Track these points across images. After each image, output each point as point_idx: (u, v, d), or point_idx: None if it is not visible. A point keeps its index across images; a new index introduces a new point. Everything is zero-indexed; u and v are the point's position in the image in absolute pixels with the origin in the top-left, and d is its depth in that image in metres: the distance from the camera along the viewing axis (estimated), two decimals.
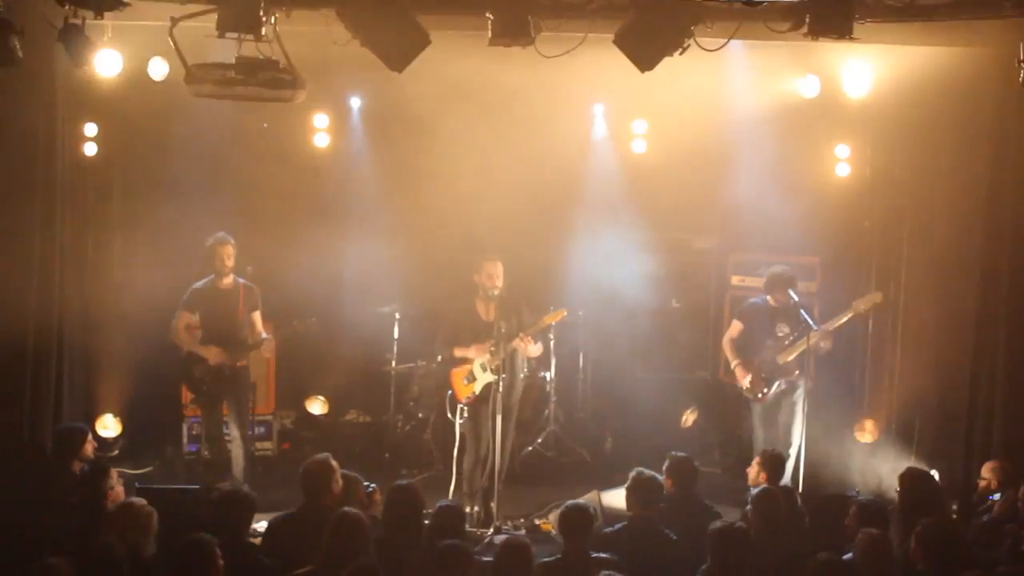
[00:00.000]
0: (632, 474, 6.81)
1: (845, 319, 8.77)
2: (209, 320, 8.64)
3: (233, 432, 8.71)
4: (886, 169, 9.95)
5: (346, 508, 6.01)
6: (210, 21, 6.78)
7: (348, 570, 5.37)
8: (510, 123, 9.84)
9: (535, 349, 8.49)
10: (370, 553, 5.81)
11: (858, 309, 8.77)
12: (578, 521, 6.16)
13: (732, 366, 9.01)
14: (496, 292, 8.34)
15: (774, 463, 7.52)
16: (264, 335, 8.81)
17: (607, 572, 5.51)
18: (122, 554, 5.55)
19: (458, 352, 8.48)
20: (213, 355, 8.55)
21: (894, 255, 9.93)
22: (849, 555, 6.03)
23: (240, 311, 8.70)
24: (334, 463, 6.65)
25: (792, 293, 8.77)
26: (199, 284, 8.70)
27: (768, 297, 8.99)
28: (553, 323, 8.70)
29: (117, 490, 6.97)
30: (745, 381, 8.85)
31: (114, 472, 7.09)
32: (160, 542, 6.26)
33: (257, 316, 8.85)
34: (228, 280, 8.69)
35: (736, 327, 9.12)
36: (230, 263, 8.65)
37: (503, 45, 7.13)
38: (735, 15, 7.02)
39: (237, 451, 8.67)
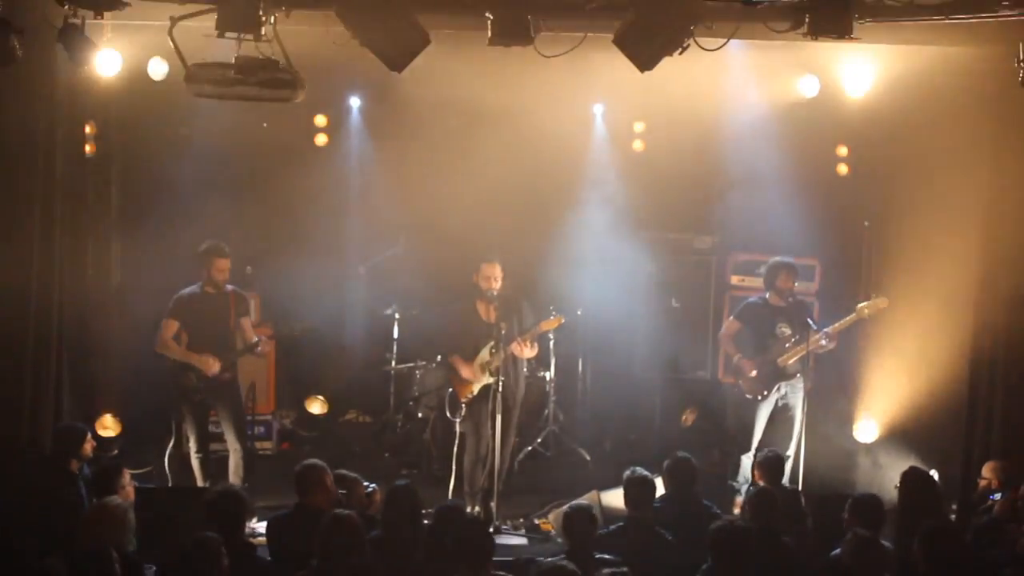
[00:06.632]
0: (625, 474, 6.81)
1: (848, 322, 8.78)
2: (198, 327, 8.41)
3: (231, 442, 8.55)
4: (886, 169, 9.95)
5: (337, 510, 6.00)
6: (210, 21, 6.79)
7: (345, 571, 5.37)
8: (510, 123, 9.83)
9: (530, 352, 8.48)
10: (366, 553, 5.80)
11: (863, 314, 8.76)
12: (581, 523, 6.16)
13: (735, 360, 8.99)
14: (495, 293, 8.34)
15: (772, 465, 7.52)
16: (255, 339, 8.62)
17: (610, 570, 5.50)
18: (115, 555, 5.54)
19: (454, 363, 8.49)
20: (209, 365, 8.30)
21: (894, 255, 9.93)
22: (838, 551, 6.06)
23: (231, 318, 8.52)
24: (324, 465, 6.65)
25: (792, 278, 8.76)
26: (186, 291, 8.47)
27: (768, 295, 8.99)
28: (551, 329, 8.68)
29: (128, 490, 6.98)
30: (751, 372, 8.82)
31: (126, 472, 7.10)
32: (161, 542, 6.28)
33: (247, 322, 8.67)
34: (218, 289, 8.48)
35: (733, 325, 9.12)
36: (224, 277, 8.45)
37: (503, 45, 7.14)
38: (735, 15, 7.02)
39: (235, 459, 8.52)
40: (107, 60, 8.26)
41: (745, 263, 10.49)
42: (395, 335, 10.29)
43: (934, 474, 7.53)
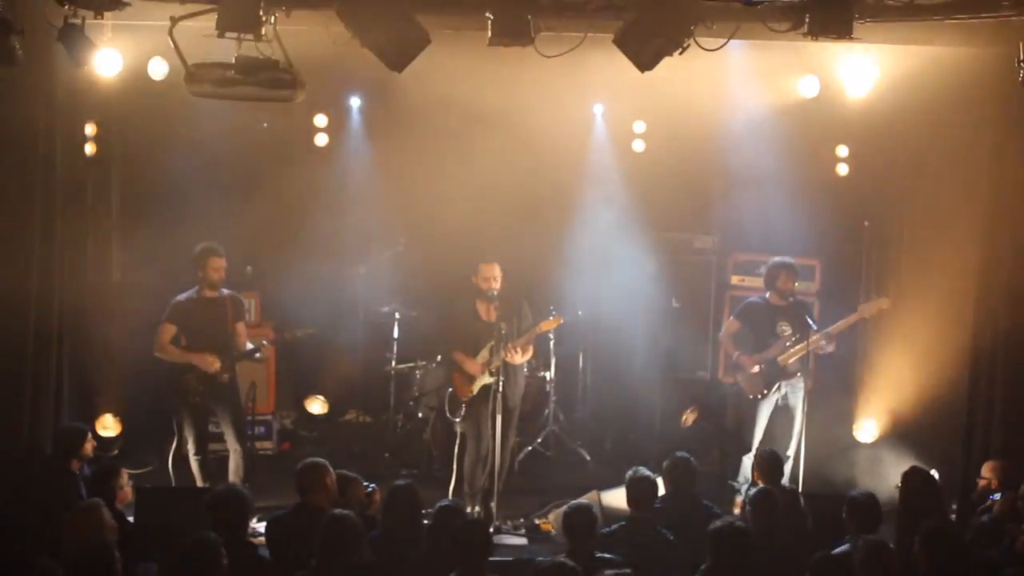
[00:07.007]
0: (628, 474, 6.82)
1: (849, 323, 8.77)
2: (196, 332, 8.41)
3: (231, 443, 8.56)
4: (886, 169, 9.96)
5: (336, 510, 6.01)
6: (210, 21, 6.79)
7: (345, 571, 5.37)
8: (509, 123, 9.83)
9: (522, 358, 8.45)
10: (366, 553, 5.81)
11: (864, 314, 8.77)
12: (581, 522, 6.16)
13: (735, 358, 8.98)
14: (495, 293, 8.34)
15: (770, 465, 7.52)
16: (250, 345, 8.65)
17: (611, 571, 5.51)
18: (115, 555, 5.54)
19: (457, 358, 8.48)
20: (209, 363, 8.30)
21: (894, 255, 9.95)
22: (844, 547, 6.05)
23: (229, 322, 8.52)
24: (325, 463, 6.65)
25: (792, 279, 8.76)
26: (183, 296, 8.47)
27: (768, 295, 8.99)
28: (550, 329, 8.67)
29: (126, 490, 6.98)
30: (753, 368, 8.81)
31: (124, 472, 7.10)
32: (161, 542, 6.28)
33: (242, 327, 8.68)
34: (215, 291, 8.49)
35: (733, 325, 9.12)
36: (221, 276, 8.44)
37: (503, 45, 7.12)
38: (735, 15, 7.03)
39: (236, 460, 8.53)
40: (107, 60, 8.26)
41: (745, 263, 10.50)
42: (395, 335, 10.29)
43: (934, 474, 7.54)
